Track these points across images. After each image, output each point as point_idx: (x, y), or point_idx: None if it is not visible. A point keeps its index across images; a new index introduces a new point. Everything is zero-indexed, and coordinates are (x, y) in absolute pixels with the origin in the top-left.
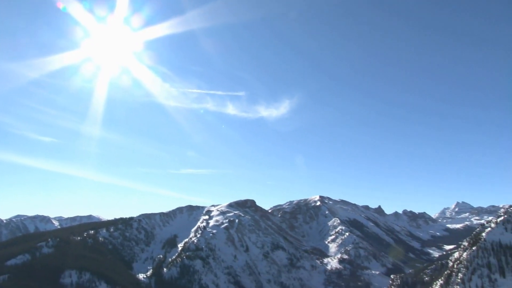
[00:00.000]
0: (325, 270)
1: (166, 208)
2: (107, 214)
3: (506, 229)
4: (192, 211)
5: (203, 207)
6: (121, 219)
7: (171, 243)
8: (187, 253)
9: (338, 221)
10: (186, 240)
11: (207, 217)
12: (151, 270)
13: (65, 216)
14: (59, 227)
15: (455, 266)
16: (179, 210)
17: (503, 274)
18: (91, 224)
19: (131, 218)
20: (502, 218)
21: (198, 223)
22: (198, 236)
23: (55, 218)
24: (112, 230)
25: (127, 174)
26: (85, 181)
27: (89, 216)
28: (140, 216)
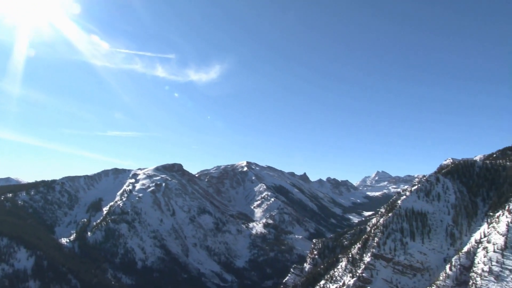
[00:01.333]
0: (250, 234)
1: (91, 171)
2: (27, 176)
3: (418, 197)
4: (118, 174)
5: (129, 171)
6: (43, 181)
7: (96, 206)
8: (113, 217)
9: (264, 186)
10: (112, 203)
11: (133, 180)
12: (75, 234)
13: None
14: None
15: (372, 231)
16: (105, 173)
17: (413, 238)
18: (10, 187)
19: (54, 181)
20: (416, 187)
21: (124, 187)
22: (124, 199)
23: None
24: (32, 193)
25: (50, 135)
26: (2, 142)
27: (7, 179)
28: (63, 178)
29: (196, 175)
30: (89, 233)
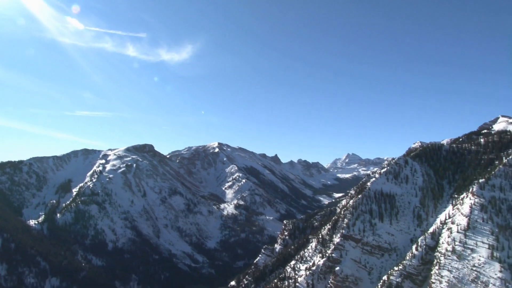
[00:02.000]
0: (222, 215)
1: (60, 152)
2: None
3: (387, 179)
4: (88, 155)
5: (99, 151)
6: (9, 162)
7: (65, 187)
8: (82, 198)
9: (236, 168)
10: (81, 184)
11: (103, 161)
12: (43, 215)
13: None
14: None
15: (342, 212)
16: (74, 153)
17: (382, 219)
18: None
19: (21, 162)
20: (385, 169)
21: (94, 167)
22: (94, 180)
23: None
24: None
25: (16, 115)
26: None
27: None
28: (31, 159)
29: (167, 156)
30: (58, 215)
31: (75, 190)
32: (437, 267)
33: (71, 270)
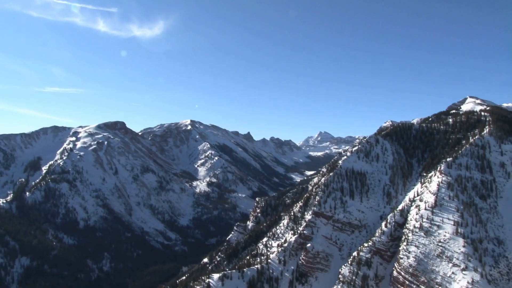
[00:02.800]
0: (194, 193)
1: (28, 129)
2: None
3: (359, 157)
4: (58, 132)
5: (69, 128)
6: None
7: (34, 165)
8: (52, 176)
9: (208, 145)
10: (51, 162)
11: (74, 138)
12: (12, 194)
13: None
14: None
15: (313, 190)
16: (43, 131)
17: (352, 196)
18: None
19: None
20: (356, 148)
21: (64, 145)
22: (64, 158)
23: None
24: None
25: None
26: None
27: None
28: None
29: (139, 134)
30: (27, 193)
31: (44, 168)
32: (405, 243)
33: (41, 249)
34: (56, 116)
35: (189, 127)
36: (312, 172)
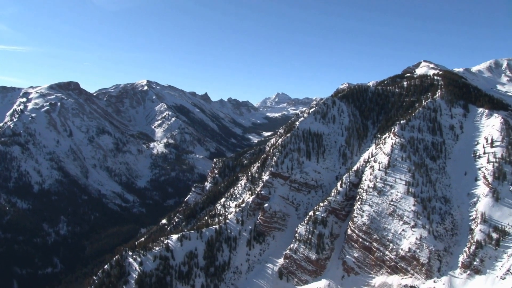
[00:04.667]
0: (151, 154)
1: None
2: None
3: (315, 119)
4: (6, 93)
5: (19, 89)
6: None
7: None
8: (3, 139)
9: (165, 106)
10: (1, 125)
11: (24, 99)
12: None
13: None
14: None
15: (271, 150)
16: None
17: (309, 157)
18: None
19: None
20: (313, 109)
21: (15, 106)
22: (14, 120)
23: None
24: None
25: None
26: None
27: None
28: None
29: (94, 94)
30: None
31: None
32: (359, 203)
33: None
34: (3, 76)
35: (145, 88)
36: (269, 133)
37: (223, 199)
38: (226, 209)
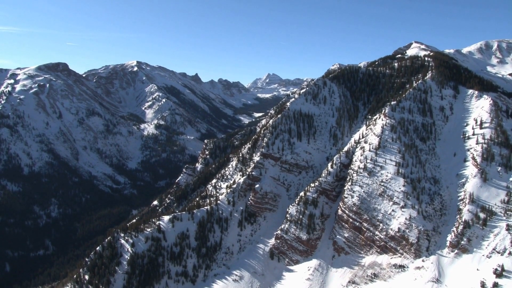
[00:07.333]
0: (142, 136)
1: None
2: None
3: (306, 99)
4: None
5: (6, 70)
6: None
7: None
8: None
9: (155, 87)
10: None
11: (12, 81)
12: None
13: None
14: None
15: (261, 131)
16: None
17: (300, 138)
18: None
19: None
20: (304, 90)
21: (2, 88)
22: (2, 102)
23: None
24: None
25: None
26: None
27: None
28: None
29: (84, 76)
30: None
31: None
32: (349, 183)
33: None
34: None
35: (135, 69)
36: (260, 114)
37: (214, 180)
38: (217, 190)
